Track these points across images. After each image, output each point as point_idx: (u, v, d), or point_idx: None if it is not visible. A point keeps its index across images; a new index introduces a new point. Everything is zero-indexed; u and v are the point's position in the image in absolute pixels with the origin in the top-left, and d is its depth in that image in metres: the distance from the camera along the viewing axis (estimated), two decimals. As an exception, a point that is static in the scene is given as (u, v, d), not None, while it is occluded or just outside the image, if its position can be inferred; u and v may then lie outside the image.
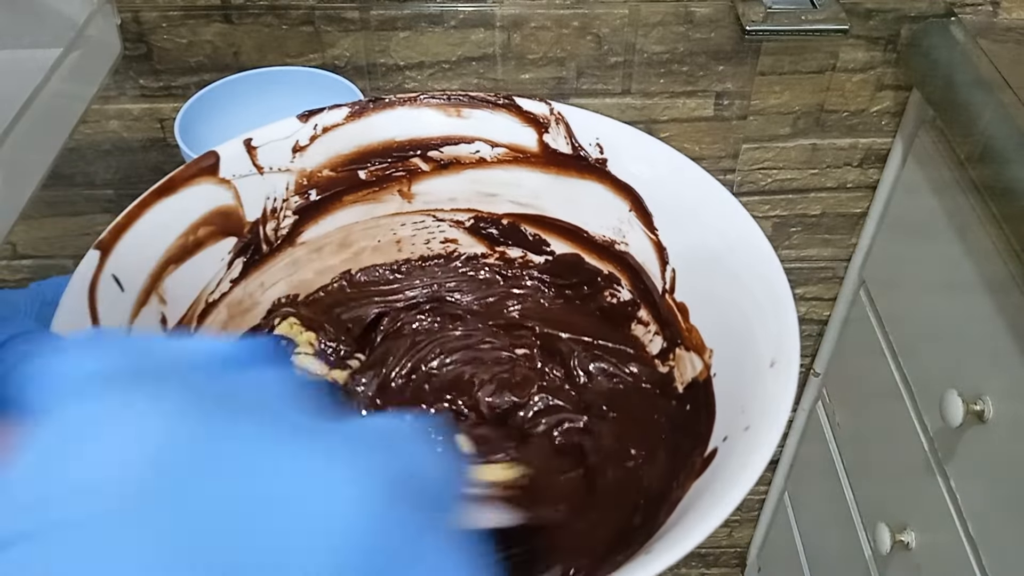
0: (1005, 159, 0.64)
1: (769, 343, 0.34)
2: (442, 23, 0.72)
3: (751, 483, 0.28)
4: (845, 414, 0.97)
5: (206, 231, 0.40)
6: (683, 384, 0.41)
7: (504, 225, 0.47)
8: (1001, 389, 0.66)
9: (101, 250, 0.35)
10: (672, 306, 0.42)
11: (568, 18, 0.73)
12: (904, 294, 0.84)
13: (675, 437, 0.40)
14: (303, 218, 0.44)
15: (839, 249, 0.92)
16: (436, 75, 0.76)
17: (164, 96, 0.76)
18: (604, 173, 0.43)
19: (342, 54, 0.74)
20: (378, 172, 0.45)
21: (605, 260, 0.45)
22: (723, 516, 0.27)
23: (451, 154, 0.45)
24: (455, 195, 0.46)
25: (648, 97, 0.78)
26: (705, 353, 0.39)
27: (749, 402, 0.33)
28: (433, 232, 0.48)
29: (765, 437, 0.30)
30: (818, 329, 0.99)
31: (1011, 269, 0.65)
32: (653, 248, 0.42)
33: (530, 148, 0.44)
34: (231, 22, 0.72)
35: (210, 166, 0.40)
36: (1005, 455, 0.66)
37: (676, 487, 0.36)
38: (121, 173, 0.81)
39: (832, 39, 0.74)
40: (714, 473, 0.32)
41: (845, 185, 0.87)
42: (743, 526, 1.24)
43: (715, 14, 0.73)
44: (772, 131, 0.82)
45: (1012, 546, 0.66)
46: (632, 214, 0.43)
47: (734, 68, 0.76)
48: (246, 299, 0.43)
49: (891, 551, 0.82)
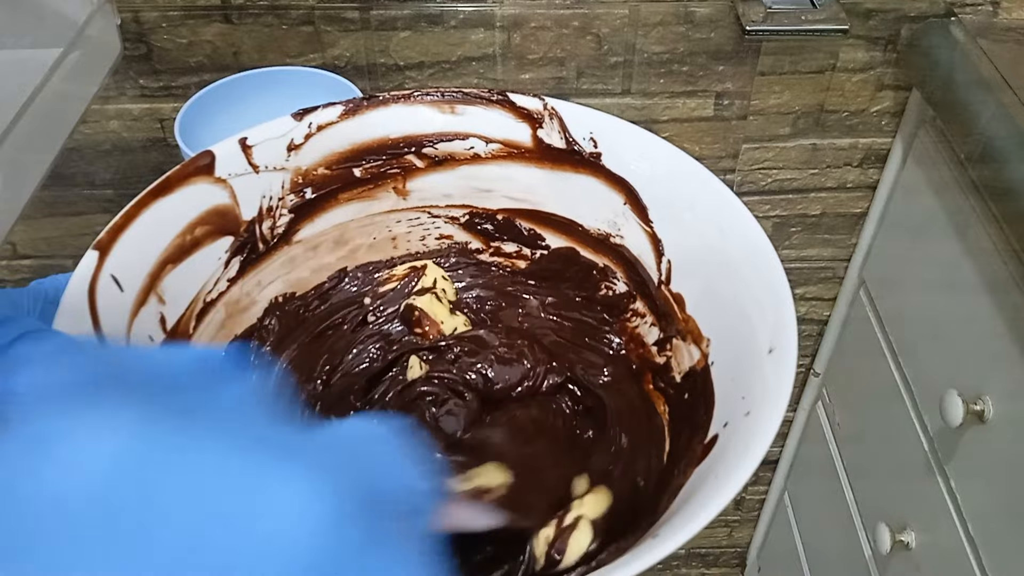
0: (1005, 159, 0.64)
1: (767, 330, 0.34)
2: (442, 23, 0.72)
3: (755, 464, 0.29)
4: (845, 414, 0.97)
5: (203, 230, 0.40)
6: (680, 373, 0.41)
7: (499, 220, 0.47)
8: (1001, 389, 0.66)
9: (99, 250, 0.35)
10: (668, 297, 0.42)
11: (568, 18, 0.73)
12: (904, 294, 0.84)
13: (674, 425, 0.40)
14: (299, 216, 0.44)
15: (839, 249, 0.92)
16: (436, 75, 0.76)
17: (164, 96, 0.76)
18: (598, 167, 0.43)
19: (342, 54, 0.74)
20: (373, 169, 0.45)
21: (600, 253, 0.45)
22: (730, 496, 0.28)
23: (445, 150, 0.45)
24: (450, 191, 0.46)
25: (648, 97, 0.78)
26: (702, 342, 0.39)
27: (749, 389, 0.34)
28: (428, 228, 0.48)
29: (766, 422, 0.31)
30: (818, 329, 0.99)
31: (1011, 269, 0.65)
32: (648, 240, 0.43)
33: (524, 143, 0.44)
34: (231, 22, 0.72)
35: (206, 165, 0.40)
36: (1005, 455, 0.66)
37: (677, 474, 0.36)
38: (121, 173, 0.81)
39: (832, 39, 0.74)
40: (716, 458, 0.33)
41: (845, 185, 0.87)
42: (743, 526, 1.24)
43: (715, 14, 0.73)
44: (772, 131, 0.82)
45: (1012, 546, 0.66)
46: (627, 207, 0.43)
47: (734, 68, 0.76)
48: (243, 298, 0.43)
49: (891, 551, 0.82)
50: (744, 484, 0.28)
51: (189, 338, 0.40)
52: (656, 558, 0.26)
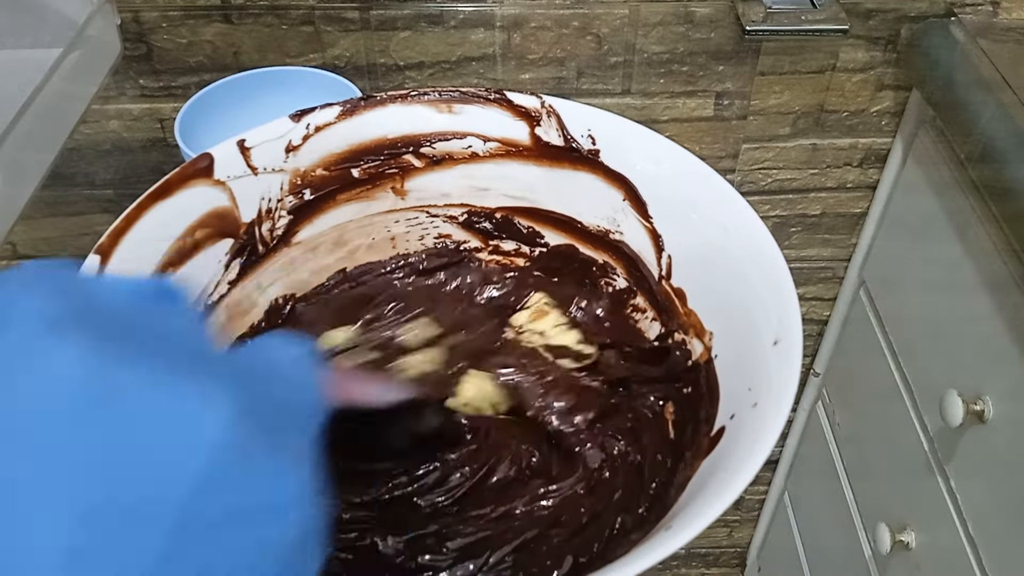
0: (1005, 159, 0.64)
1: (770, 323, 0.35)
2: (442, 23, 0.72)
3: (765, 454, 0.29)
4: (845, 414, 0.97)
5: (203, 233, 0.40)
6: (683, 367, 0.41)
7: (498, 219, 0.47)
8: (1001, 389, 0.66)
9: (101, 255, 0.35)
10: (669, 292, 0.42)
11: (568, 18, 0.73)
12: (904, 294, 0.84)
13: (679, 419, 0.40)
14: (298, 218, 0.44)
15: (839, 249, 0.92)
16: (436, 75, 0.76)
17: (164, 96, 0.76)
18: (596, 164, 0.43)
19: (342, 54, 0.74)
20: (371, 170, 0.45)
21: (600, 250, 0.45)
22: (742, 486, 0.28)
23: (443, 150, 0.45)
24: (448, 190, 0.46)
25: (648, 97, 0.78)
26: (705, 336, 0.39)
27: (755, 380, 0.34)
28: (427, 228, 0.48)
29: (774, 412, 0.31)
30: (818, 329, 0.99)
31: (1011, 269, 0.65)
32: (648, 236, 0.43)
33: (522, 141, 0.44)
34: (231, 22, 0.72)
35: (204, 168, 0.40)
36: (1005, 455, 0.66)
37: (684, 467, 0.36)
38: (121, 173, 0.81)
39: (832, 39, 0.74)
40: (724, 449, 0.33)
41: (845, 185, 0.87)
42: (743, 526, 1.24)
43: (715, 14, 0.73)
44: (772, 131, 0.82)
45: (1012, 546, 0.66)
46: (626, 203, 0.43)
47: (734, 68, 0.76)
48: (244, 300, 0.43)
49: (891, 551, 0.82)
50: (755, 473, 0.28)
51: None
52: (671, 549, 0.26)
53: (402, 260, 0.48)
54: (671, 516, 0.31)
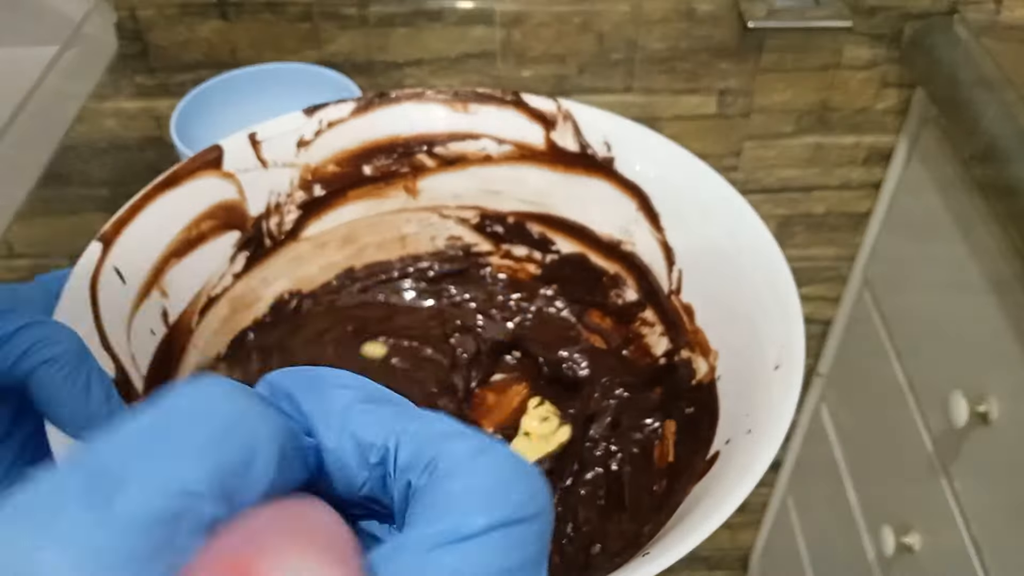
0: (1008, 158, 0.63)
1: (774, 346, 0.34)
2: (441, 19, 0.72)
3: (750, 488, 0.28)
4: (849, 415, 0.96)
5: (209, 225, 0.40)
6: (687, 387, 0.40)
7: (510, 223, 0.46)
8: (1006, 390, 0.66)
9: (104, 242, 0.35)
10: (678, 307, 0.41)
11: (569, 15, 0.72)
12: (908, 294, 0.84)
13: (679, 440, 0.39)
14: (307, 213, 0.44)
15: (843, 248, 0.92)
16: (435, 72, 0.75)
17: (160, 94, 0.75)
18: (611, 172, 0.43)
19: (340, 51, 0.73)
20: (383, 168, 0.44)
21: (611, 260, 0.45)
22: (721, 519, 0.27)
23: (457, 151, 0.44)
24: (460, 192, 0.46)
25: (650, 94, 0.77)
26: (710, 355, 0.39)
27: (753, 406, 0.33)
28: (438, 229, 0.47)
29: (767, 441, 0.30)
30: (821, 329, 0.99)
31: (1015, 269, 0.64)
32: (660, 248, 0.42)
33: (537, 146, 0.44)
34: (228, 19, 0.71)
35: (214, 159, 0.40)
36: (1009, 456, 0.65)
37: (677, 490, 0.35)
38: (117, 171, 0.80)
39: (835, 36, 0.74)
40: (715, 476, 0.32)
41: (849, 184, 0.86)
42: (745, 529, 1.23)
43: (717, 11, 0.72)
44: (775, 129, 0.81)
45: (1016, 548, 0.65)
46: (639, 214, 0.42)
47: (737, 65, 0.76)
48: (248, 294, 0.43)
49: (895, 554, 0.81)
50: (738, 507, 0.27)
51: (191, 333, 0.39)
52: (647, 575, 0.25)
53: (411, 262, 0.48)
54: (652, 543, 0.31)
